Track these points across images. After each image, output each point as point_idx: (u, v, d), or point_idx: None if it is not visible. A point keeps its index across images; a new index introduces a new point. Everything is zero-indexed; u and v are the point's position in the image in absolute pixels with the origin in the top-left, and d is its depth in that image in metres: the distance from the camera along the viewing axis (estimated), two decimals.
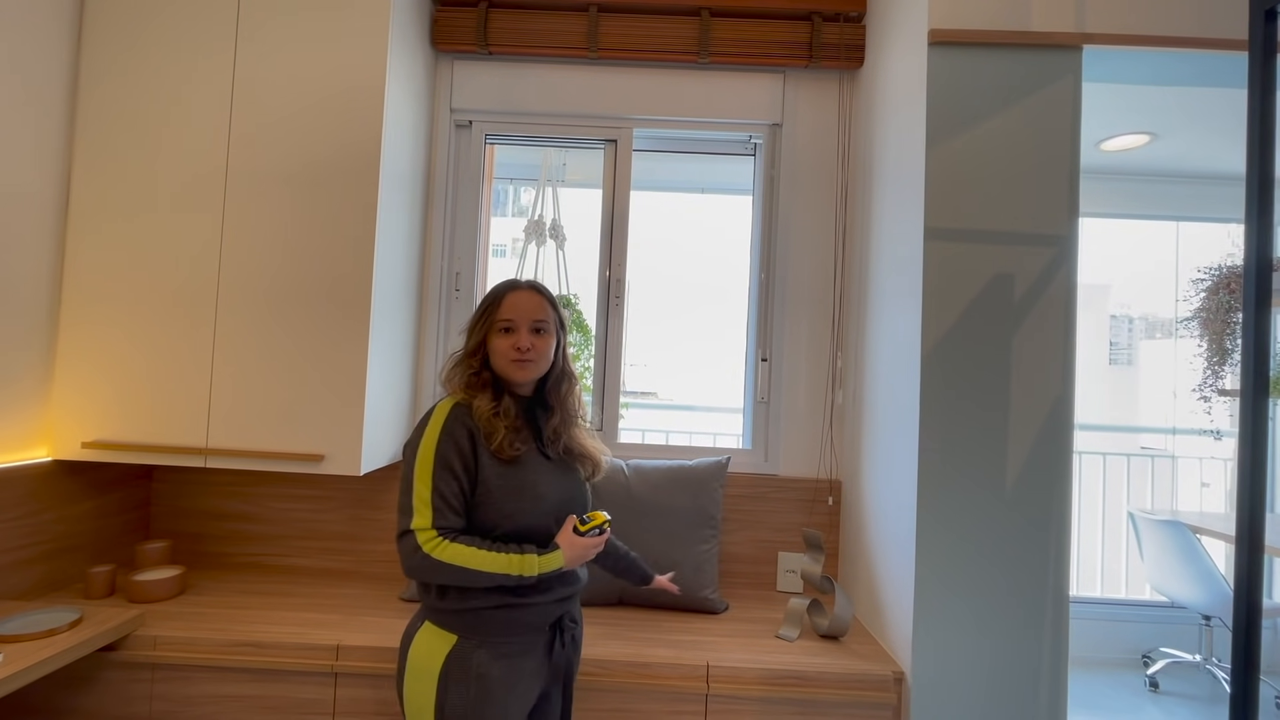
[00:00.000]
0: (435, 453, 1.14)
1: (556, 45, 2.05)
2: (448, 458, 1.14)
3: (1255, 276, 0.84)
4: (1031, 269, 1.50)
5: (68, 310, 1.69)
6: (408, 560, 1.11)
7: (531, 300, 1.25)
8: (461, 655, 1.13)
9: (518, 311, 1.23)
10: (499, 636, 1.15)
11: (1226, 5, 1.50)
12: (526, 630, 1.18)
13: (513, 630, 1.16)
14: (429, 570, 1.10)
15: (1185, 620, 3.01)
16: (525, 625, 1.17)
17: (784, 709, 1.47)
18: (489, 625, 1.14)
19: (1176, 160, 2.86)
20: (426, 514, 1.11)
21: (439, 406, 1.20)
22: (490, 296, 1.27)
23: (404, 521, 1.13)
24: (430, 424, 1.17)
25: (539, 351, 1.24)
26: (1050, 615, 1.46)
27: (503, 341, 1.22)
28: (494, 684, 1.12)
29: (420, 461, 1.14)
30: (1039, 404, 1.49)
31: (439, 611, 1.16)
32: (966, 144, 1.52)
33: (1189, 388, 2.37)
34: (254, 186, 1.71)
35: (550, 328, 1.26)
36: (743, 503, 2.04)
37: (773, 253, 2.11)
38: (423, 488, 1.13)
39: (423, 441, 1.15)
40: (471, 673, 1.12)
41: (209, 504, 1.99)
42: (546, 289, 1.30)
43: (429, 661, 1.13)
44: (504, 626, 1.15)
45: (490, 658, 1.13)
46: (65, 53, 1.68)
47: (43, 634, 1.31)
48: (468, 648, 1.13)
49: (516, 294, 1.25)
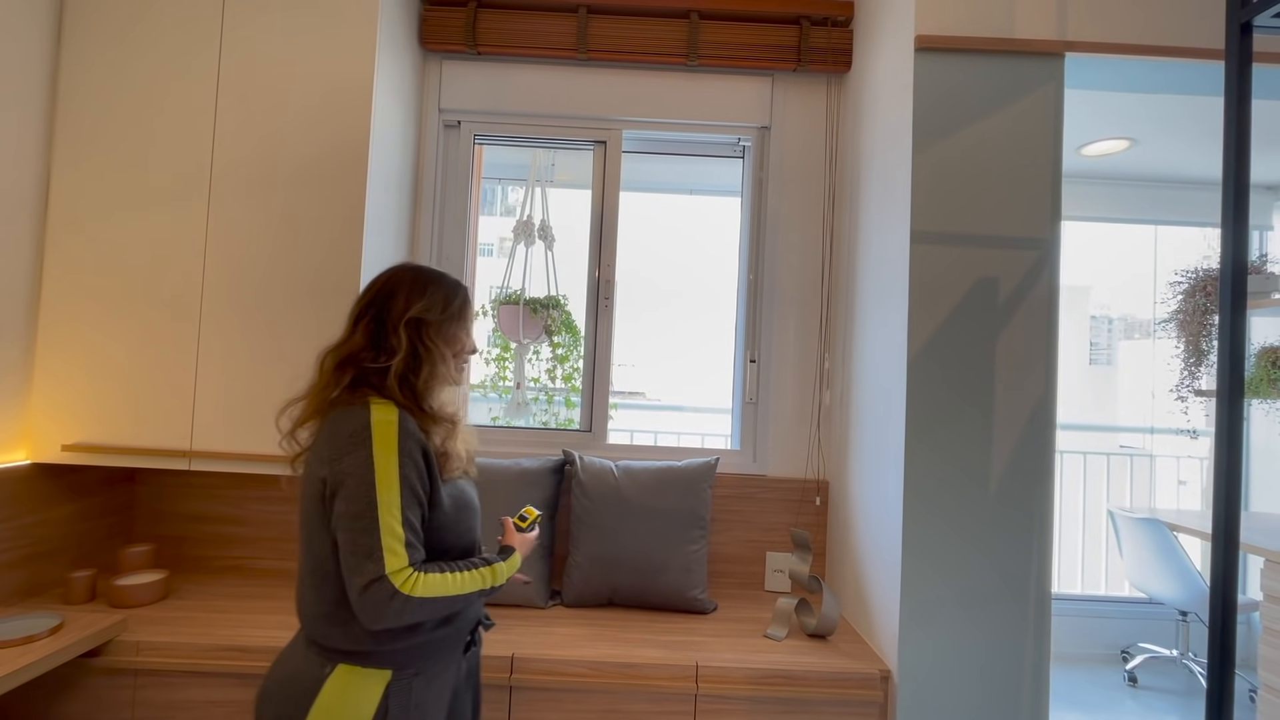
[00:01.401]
0: (400, 477, 0.96)
1: (546, 46, 2.04)
2: (412, 482, 0.98)
3: (1231, 280, 0.86)
4: (1015, 271, 1.53)
5: (47, 310, 1.66)
6: (381, 610, 0.92)
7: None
8: (400, 690, 1.00)
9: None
10: (434, 657, 1.04)
11: (1203, 17, 1.54)
12: (456, 643, 1.08)
13: (447, 647, 1.06)
14: (408, 613, 0.94)
15: (1163, 616, 3.07)
16: (457, 638, 1.08)
17: (772, 708, 1.48)
18: (431, 648, 1.04)
19: (1155, 165, 2.92)
20: (401, 553, 0.94)
21: (382, 419, 0.99)
22: (462, 295, 1.14)
23: (370, 568, 0.92)
24: (381, 440, 0.97)
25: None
26: (1033, 612, 1.49)
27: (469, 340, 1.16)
28: (431, 707, 1.03)
29: (384, 489, 0.95)
30: (1022, 404, 1.51)
31: (367, 646, 0.99)
32: (952, 148, 1.54)
33: (1167, 388, 2.42)
34: (239, 185, 1.69)
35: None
36: (731, 503, 2.05)
37: (761, 254, 2.13)
38: (393, 522, 0.94)
39: (378, 465, 0.95)
40: (412, 705, 1.00)
41: (192, 507, 1.97)
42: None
43: (358, 706, 0.97)
44: (441, 647, 1.05)
45: (425, 683, 1.03)
46: (44, 49, 1.65)
47: (21, 640, 1.29)
48: (405, 679, 1.00)
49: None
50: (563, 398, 2.29)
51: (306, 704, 0.96)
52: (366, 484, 0.94)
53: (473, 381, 2.28)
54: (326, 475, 0.97)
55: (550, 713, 1.46)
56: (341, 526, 0.95)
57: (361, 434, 0.97)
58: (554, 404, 2.30)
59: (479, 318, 2.28)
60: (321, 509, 0.99)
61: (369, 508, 0.94)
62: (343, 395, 1.03)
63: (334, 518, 0.97)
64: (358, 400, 1.01)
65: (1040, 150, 1.54)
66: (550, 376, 2.25)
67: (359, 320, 1.08)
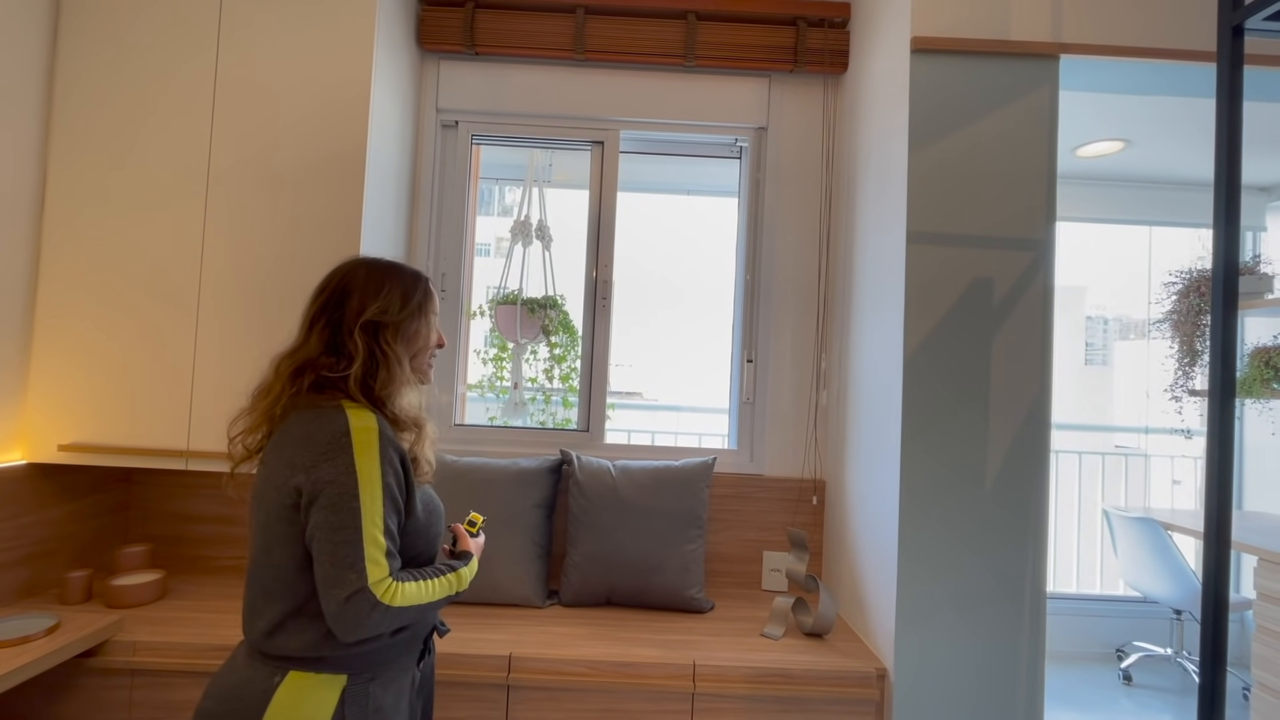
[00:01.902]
0: (383, 485, 0.94)
1: (543, 47, 2.05)
2: (393, 490, 0.96)
3: (1222, 281, 0.87)
4: (1010, 272, 1.54)
5: (43, 309, 1.66)
6: (361, 622, 0.90)
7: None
8: (357, 695, 0.97)
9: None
10: (390, 662, 1.02)
11: (1196, 19, 1.55)
12: (412, 648, 1.07)
13: (403, 651, 1.04)
14: (386, 623, 0.93)
15: (1157, 615, 3.09)
16: (413, 643, 1.06)
17: (770, 706, 1.49)
18: (389, 652, 1.02)
19: (1149, 166, 2.94)
20: (383, 563, 0.92)
21: (362, 425, 0.96)
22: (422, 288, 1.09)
23: (353, 579, 0.90)
24: (364, 448, 0.94)
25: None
26: (1028, 611, 1.50)
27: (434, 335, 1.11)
28: (390, 711, 1.01)
29: (367, 497, 0.92)
30: (1017, 404, 1.52)
31: (325, 655, 0.97)
32: (948, 149, 1.55)
33: (1161, 388, 2.44)
34: (237, 185, 1.69)
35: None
36: (728, 502, 2.05)
37: (758, 255, 2.13)
38: (376, 531, 0.92)
39: (361, 471, 0.93)
40: (370, 708, 0.98)
41: (188, 507, 1.96)
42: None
43: (311, 713, 0.94)
44: (398, 651, 1.03)
45: (382, 687, 1.00)
46: (40, 49, 1.65)
47: (18, 640, 1.29)
48: (362, 683, 0.98)
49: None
50: (560, 398, 2.29)
51: (256, 716, 0.92)
52: (349, 493, 0.91)
53: (470, 381, 2.28)
54: (301, 483, 0.93)
55: (548, 712, 1.47)
56: (320, 537, 0.91)
57: (340, 440, 0.94)
58: (551, 404, 2.30)
59: (476, 318, 2.29)
60: (293, 517, 0.94)
61: (352, 517, 0.91)
62: (306, 399, 0.99)
63: (310, 528, 0.93)
64: (329, 404, 0.98)
65: (1035, 151, 1.55)
66: (548, 376, 2.25)
67: (313, 324, 1.03)
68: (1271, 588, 1.82)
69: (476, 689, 1.46)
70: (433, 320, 1.11)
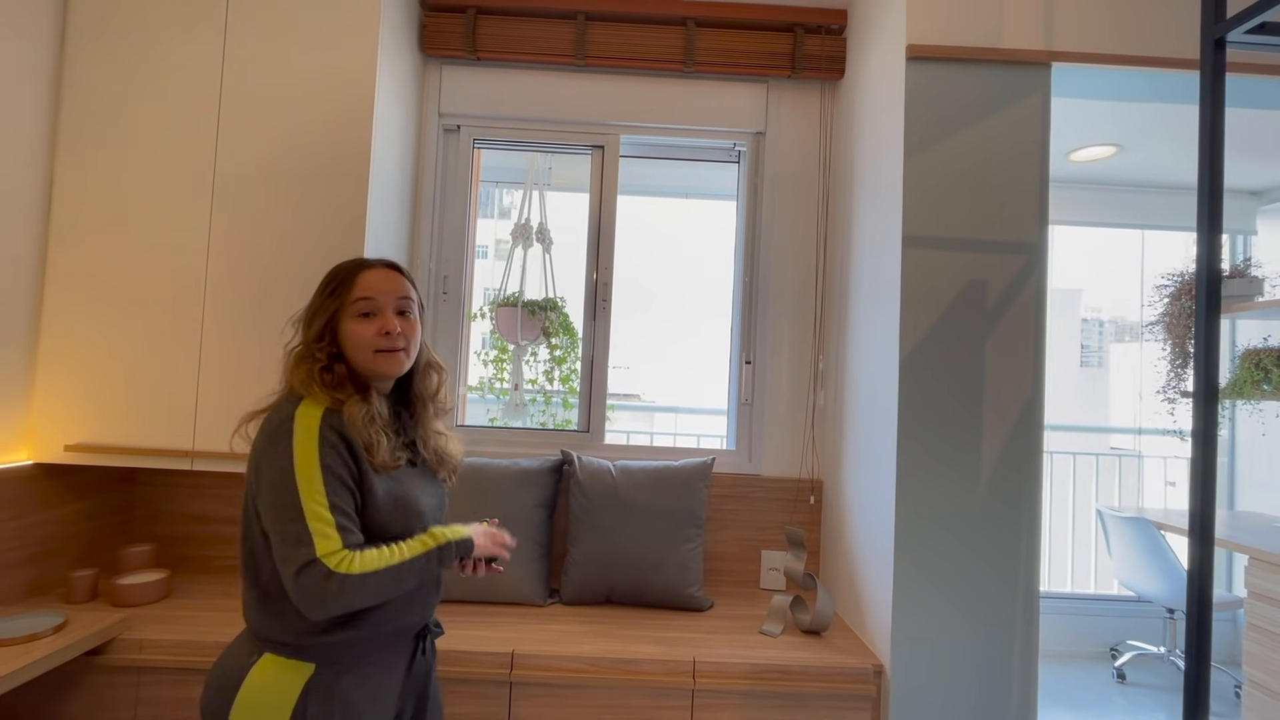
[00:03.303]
0: (320, 465, 0.94)
1: (545, 52, 2.07)
2: (336, 469, 0.95)
3: (1205, 285, 0.90)
4: (1004, 275, 1.57)
5: (50, 310, 1.67)
6: (314, 594, 0.90)
7: (391, 277, 1.06)
8: (322, 685, 0.97)
9: (377, 290, 1.03)
10: (367, 656, 1.02)
11: (1183, 29, 1.59)
12: (393, 647, 1.05)
13: (379, 650, 1.03)
14: (349, 593, 0.91)
15: (1151, 614, 3.12)
16: (393, 642, 1.05)
17: (768, 702, 1.51)
18: (356, 648, 1.00)
19: (1141, 171, 2.98)
20: (333, 535, 0.92)
21: (301, 413, 0.98)
22: (336, 277, 1.05)
23: (300, 554, 0.90)
24: (300, 434, 0.96)
25: (409, 336, 1.06)
26: (1022, 610, 1.52)
27: (362, 327, 1.02)
28: (360, 711, 0.99)
29: (304, 478, 0.93)
30: (1011, 405, 1.55)
31: (292, 637, 0.98)
32: (942, 154, 1.58)
33: (1154, 389, 2.46)
34: (242, 188, 1.71)
35: (415, 309, 1.09)
36: (727, 502, 2.08)
37: (756, 257, 2.16)
38: (318, 507, 0.93)
39: (298, 455, 0.94)
40: (336, 703, 0.97)
41: (193, 507, 1.98)
42: (404, 268, 1.11)
43: (277, 698, 0.95)
44: (372, 646, 1.02)
45: (354, 683, 0.99)
46: (47, 52, 1.67)
47: (25, 638, 1.31)
48: (329, 676, 0.98)
49: (372, 272, 1.05)
50: (560, 399, 2.31)
51: (233, 693, 0.96)
52: (286, 474, 0.94)
53: (471, 383, 2.31)
54: (251, 469, 0.99)
55: (550, 708, 1.49)
56: (269, 519, 0.95)
57: (283, 427, 0.97)
58: (552, 405, 2.32)
59: (476, 320, 2.31)
60: (253, 504, 1.00)
61: (293, 497, 0.93)
62: (280, 397, 1.05)
63: (261, 513, 0.96)
64: (288, 400, 1.02)
65: (1028, 157, 1.58)
66: (548, 378, 2.27)
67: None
68: (1262, 586, 1.85)
69: (480, 685, 1.48)
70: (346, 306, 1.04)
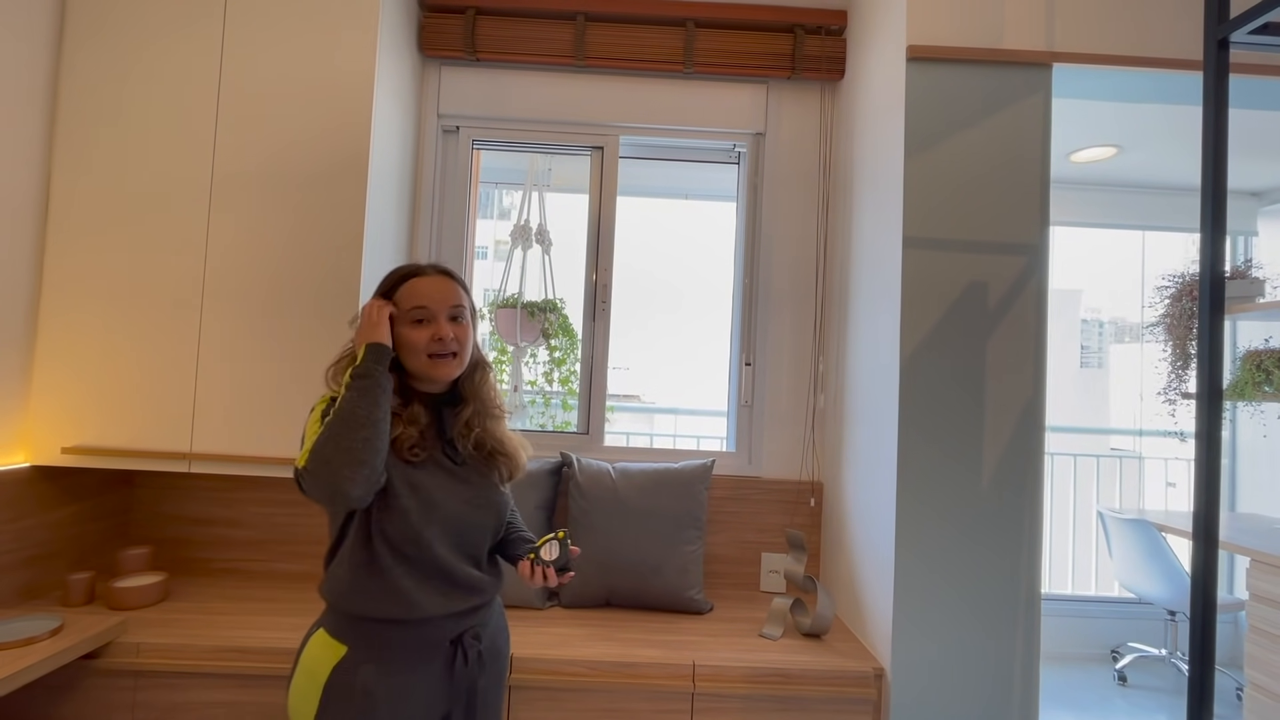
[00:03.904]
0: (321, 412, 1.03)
1: (544, 53, 2.07)
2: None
3: (1209, 286, 0.89)
4: (1004, 276, 1.56)
5: (47, 311, 1.67)
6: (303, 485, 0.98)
7: (444, 284, 1.09)
8: (347, 668, 1.03)
9: (430, 298, 1.07)
10: (390, 652, 1.05)
11: (1185, 29, 1.58)
12: (421, 647, 1.07)
13: (406, 647, 1.06)
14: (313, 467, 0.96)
15: (1152, 616, 3.11)
16: (420, 642, 1.08)
17: (768, 706, 1.50)
18: (381, 639, 1.05)
19: (1142, 172, 2.97)
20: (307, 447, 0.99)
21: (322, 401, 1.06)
22: (391, 282, 1.10)
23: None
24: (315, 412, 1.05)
25: (462, 342, 1.09)
26: (1023, 612, 1.51)
27: (417, 334, 1.06)
28: (379, 702, 1.02)
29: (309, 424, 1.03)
30: (1012, 407, 1.54)
31: (335, 619, 1.07)
32: (943, 155, 1.57)
33: (1155, 391, 2.46)
34: (240, 189, 1.70)
35: (467, 315, 1.12)
36: (727, 504, 2.07)
37: (756, 259, 2.15)
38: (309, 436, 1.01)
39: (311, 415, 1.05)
40: (356, 688, 1.02)
41: (190, 509, 1.97)
42: (456, 274, 1.14)
43: (316, 669, 1.04)
44: (397, 642, 1.06)
45: (377, 674, 1.04)
46: (45, 52, 1.66)
47: (22, 642, 1.30)
48: (355, 661, 1.04)
49: (424, 279, 1.09)
50: (560, 400, 2.30)
51: (300, 653, 1.08)
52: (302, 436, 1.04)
53: None
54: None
55: (549, 711, 1.48)
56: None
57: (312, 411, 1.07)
58: (551, 406, 2.32)
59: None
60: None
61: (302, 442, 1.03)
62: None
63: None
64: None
65: (1029, 158, 1.58)
66: (547, 379, 2.26)
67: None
68: (1264, 589, 1.85)
69: None
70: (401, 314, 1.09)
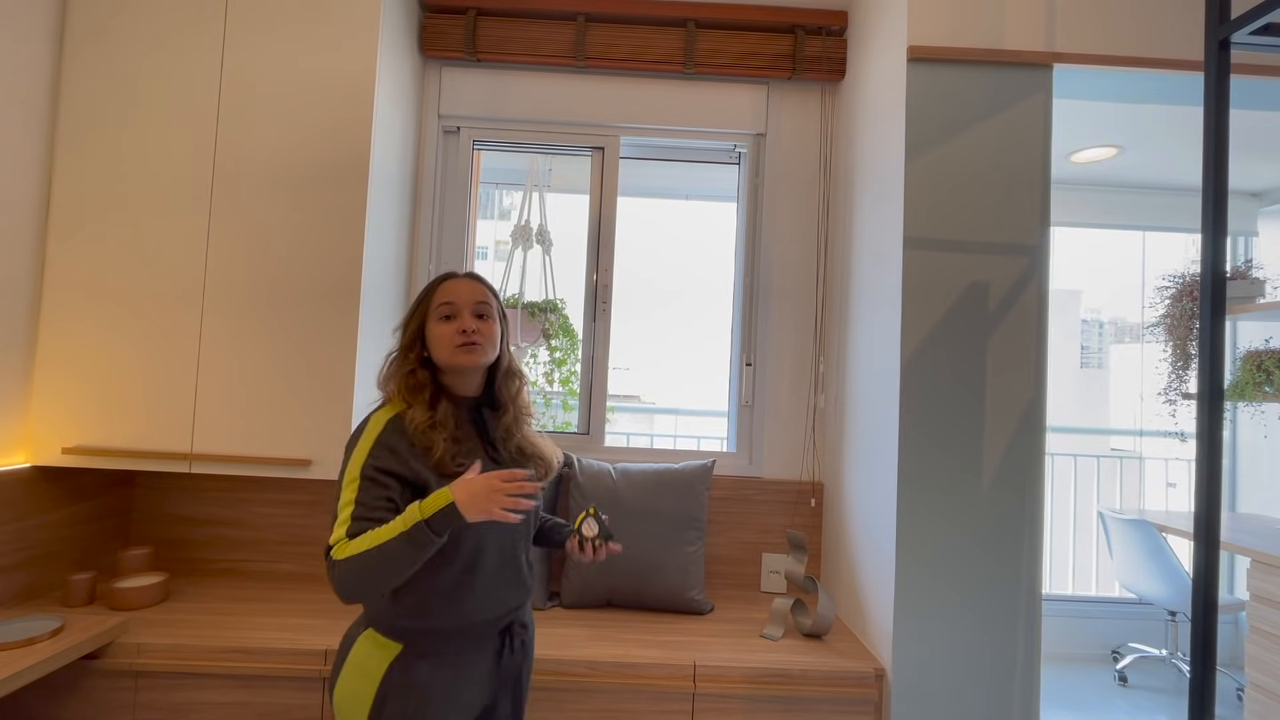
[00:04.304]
0: (363, 468, 1.06)
1: (545, 54, 2.07)
2: (373, 473, 1.06)
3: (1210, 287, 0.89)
4: (1005, 277, 1.56)
5: (48, 312, 1.67)
6: (332, 580, 1.01)
7: (470, 285, 1.19)
8: (404, 666, 1.08)
9: (457, 295, 1.17)
10: (445, 645, 1.10)
11: (1186, 30, 1.58)
12: (472, 640, 1.13)
13: (457, 641, 1.11)
14: (345, 578, 0.99)
15: (1152, 616, 3.11)
16: (471, 636, 1.13)
17: (769, 706, 1.50)
18: (433, 636, 1.10)
19: (1143, 172, 2.97)
20: (344, 528, 1.03)
21: (374, 418, 1.12)
22: (425, 288, 1.22)
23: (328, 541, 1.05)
24: (363, 438, 1.09)
25: (485, 335, 1.16)
26: (1024, 612, 1.51)
27: (444, 328, 1.15)
28: (436, 694, 1.08)
29: (348, 477, 1.07)
30: (1013, 407, 1.54)
31: (385, 619, 1.10)
32: (943, 156, 1.57)
33: (1155, 391, 2.46)
34: (241, 189, 1.70)
35: (493, 313, 1.20)
36: (727, 505, 2.07)
37: (756, 259, 2.16)
38: (345, 504, 1.05)
39: (353, 456, 1.08)
40: (413, 683, 1.07)
41: (191, 510, 1.97)
42: (486, 279, 1.23)
43: (370, 668, 1.08)
44: (449, 637, 1.11)
45: (434, 668, 1.09)
46: (46, 51, 1.66)
47: (22, 642, 1.30)
48: (411, 657, 1.08)
49: (454, 280, 1.20)
50: (560, 401, 2.30)
51: (346, 654, 1.11)
52: (343, 472, 1.08)
53: None
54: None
55: (550, 712, 1.48)
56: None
57: (359, 429, 1.12)
58: (551, 407, 2.32)
59: None
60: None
61: (339, 492, 1.07)
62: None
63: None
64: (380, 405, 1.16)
65: (1029, 158, 1.58)
66: (548, 380, 2.26)
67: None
68: (1264, 589, 1.85)
69: None
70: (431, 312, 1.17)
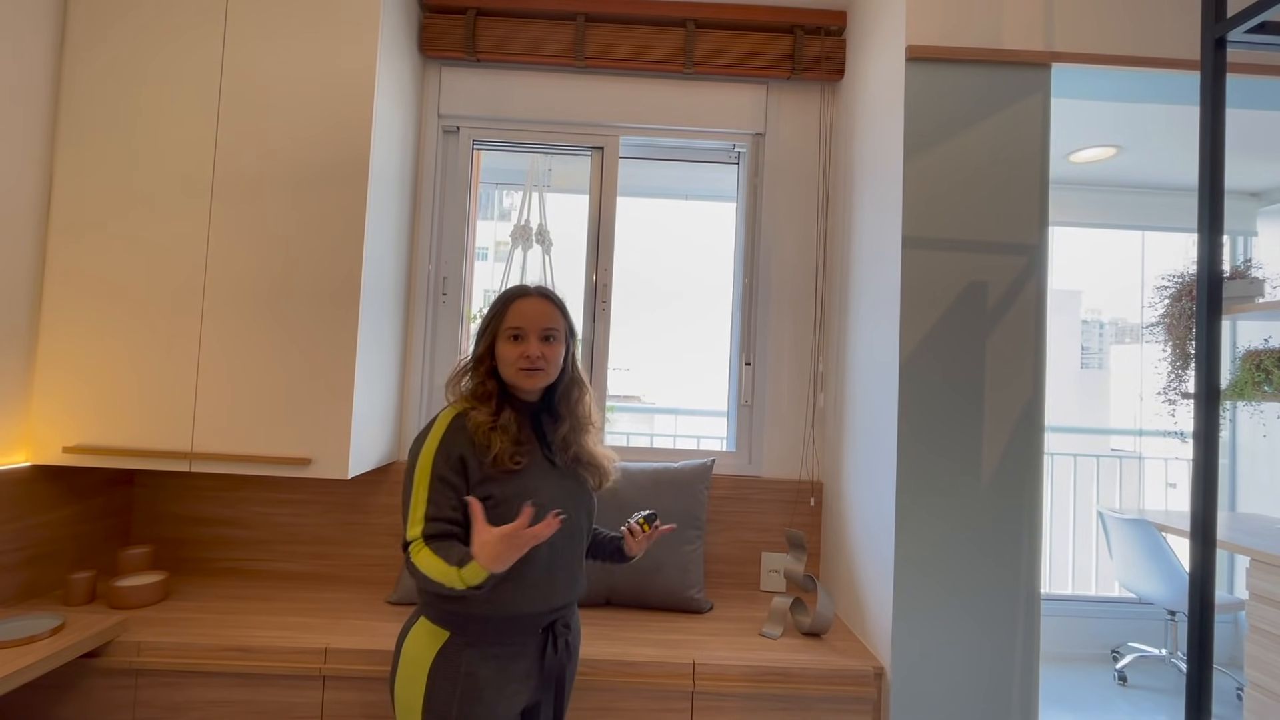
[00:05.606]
0: (433, 464, 1.16)
1: (544, 54, 2.07)
2: (444, 470, 1.15)
3: (1206, 286, 0.89)
4: (1004, 276, 1.56)
5: (48, 312, 1.67)
6: (406, 564, 1.14)
7: (541, 307, 1.23)
8: (451, 653, 1.14)
9: (526, 319, 1.21)
10: (489, 637, 1.15)
11: (1184, 29, 1.59)
12: (517, 633, 1.18)
13: (502, 632, 1.16)
14: (416, 577, 1.12)
15: (1152, 616, 3.11)
16: (515, 628, 1.17)
17: (768, 705, 1.50)
18: (479, 625, 1.15)
19: (1141, 172, 2.97)
20: (419, 527, 1.13)
21: (442, 415, 1.21)
22: (498, 302, 1.25)
23: (406, 531, 1.15)
24: (431, 434, 1.18)
25: (549, 360, 1.22)
26: (1023, 612, 1.52)
27: (511, 349, 1.21)
28: (482, 684, 1.13)
29: (419, 473, 1.16)
30: (1011, 407, 1.54)
31: (434, 608, 1.17)
32: (942, 156, 1.58)
33: (1155, 391, 2.46)
34: (241, 188, 1.70)
35: (560, 335, 1.25)
36: (727, 504, 2.07)
37: (756, 258, 2.16)
38: (418, 502, 1.14)
39: (422, 452, 1.17)
40: (460, 671, 1.12)
41: (191, 509, 1.98)
42: (556, 295, 1.28)
43: (420, 656, 1.14)
44: (494, 628, 1.15)
45: (479, 658, 1.14)
46: (48, 52, 1.67)
47: (23, 641, 1.30)
48: (457, 645, 1.14)
49: (525, 301, 1.23)
50: None
51: (402, 643, 1.19)
52: (413, 468, 1.17)
53: None
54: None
55: None
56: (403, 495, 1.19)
57: (427, 427, 1.20)
58: None
59: (475, 320, 2.30)
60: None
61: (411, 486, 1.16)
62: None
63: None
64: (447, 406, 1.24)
65: (1028, 158, 1.58)
66: None
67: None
68: (1264, 588, 1.85)
69: None
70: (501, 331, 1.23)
